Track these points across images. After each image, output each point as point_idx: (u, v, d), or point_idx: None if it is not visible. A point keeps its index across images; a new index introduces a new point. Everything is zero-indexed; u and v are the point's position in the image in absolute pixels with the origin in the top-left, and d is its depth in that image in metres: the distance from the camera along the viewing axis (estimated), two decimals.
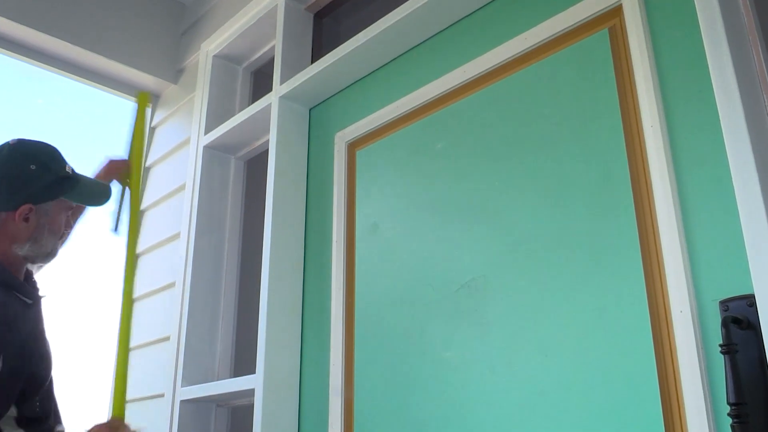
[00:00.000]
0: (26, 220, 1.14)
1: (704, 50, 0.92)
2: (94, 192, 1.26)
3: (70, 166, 1.23)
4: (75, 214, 1.32)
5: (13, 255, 1.15)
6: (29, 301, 1.14)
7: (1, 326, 1.03)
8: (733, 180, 0.85)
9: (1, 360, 0.98)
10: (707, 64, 0.91)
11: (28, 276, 1.21)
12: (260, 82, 2.01)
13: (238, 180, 1.88)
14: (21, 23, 1.84)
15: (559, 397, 1.00)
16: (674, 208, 0.93)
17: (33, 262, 1.20)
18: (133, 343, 1.90)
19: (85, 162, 1.39)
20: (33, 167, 1.14)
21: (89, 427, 1.08)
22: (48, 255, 1.20)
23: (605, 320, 0.98)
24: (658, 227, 0.95)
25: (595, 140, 1.06)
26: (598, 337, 0.98)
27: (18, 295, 1.12)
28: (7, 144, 1.18)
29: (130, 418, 1.11)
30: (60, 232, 1.22)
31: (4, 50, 1.91)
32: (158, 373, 1.73)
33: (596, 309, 0.99)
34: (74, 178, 1.20)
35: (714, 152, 0.90)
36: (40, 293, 1.21)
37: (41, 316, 1.19)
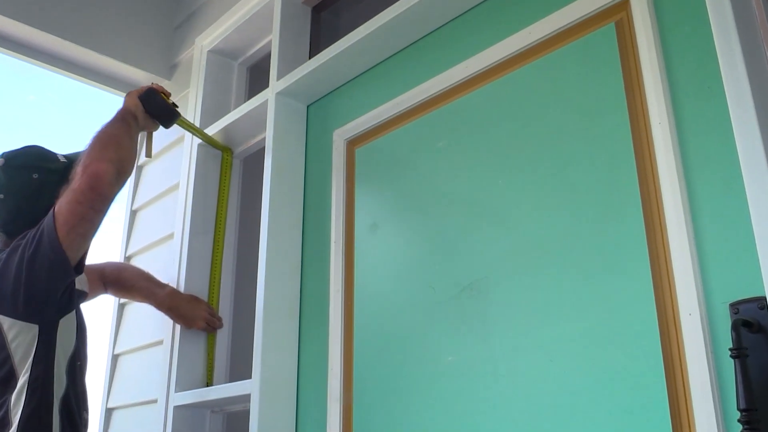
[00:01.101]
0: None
1: (714, 45, 0.90)
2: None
3: (60, 155, 1.30)
4: None
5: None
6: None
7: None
8: (743, 179, 0.83)
9: (77, 318, 1.15)
10: (717, 60, 0.89)
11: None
12: (256, 78, 1.98)
13: (234, 179, 1.85)
14: (9, 17, 1.81)
15: (565, 402, 0.98)
16: (683, 208, 0.91)
17: None
18: (125, 347, 1.88)
19: None
20: (36, 176, 1.23)
21: None
22: None
23: (612, 324, 0.96)
24: (666, 227, 0.93)
25: (601, 138, 1.04)
26: (604, 341, 0.96)
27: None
28: None
29: (122, 426, 1.09)
30: None
31: None
32: (151, 378, 1.69)
33: (603, 312, 0.97)
34: (70, 162, 1.28)
35: (724, 150, 0.88)
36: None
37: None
